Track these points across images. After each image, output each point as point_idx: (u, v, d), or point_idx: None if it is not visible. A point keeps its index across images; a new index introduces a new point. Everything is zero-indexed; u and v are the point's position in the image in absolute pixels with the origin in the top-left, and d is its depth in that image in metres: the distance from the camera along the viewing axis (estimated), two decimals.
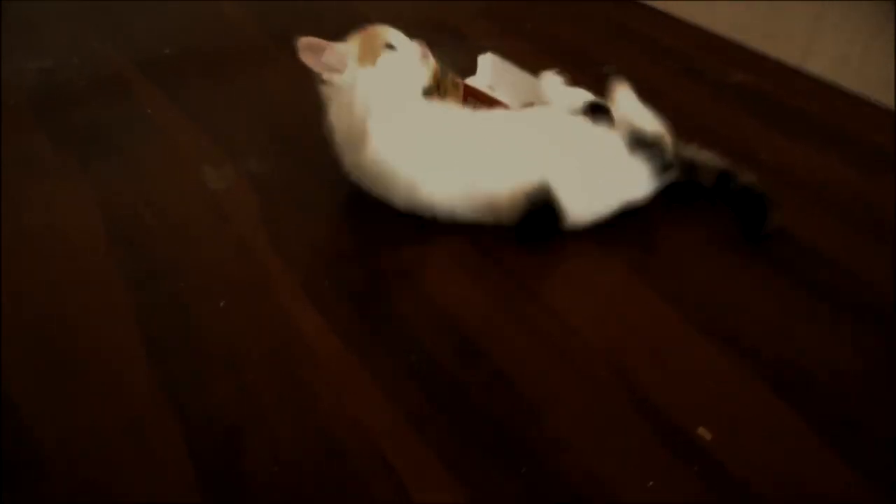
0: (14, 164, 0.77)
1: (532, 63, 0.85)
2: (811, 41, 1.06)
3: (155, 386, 0.54)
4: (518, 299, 0.64)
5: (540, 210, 0.68)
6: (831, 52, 1.05)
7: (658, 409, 0.55)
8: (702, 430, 0.54)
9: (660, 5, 1.27)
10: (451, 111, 0.74)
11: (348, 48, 0.70)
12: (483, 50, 0.88)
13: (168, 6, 1.18)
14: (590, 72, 0.84)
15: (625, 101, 0.78)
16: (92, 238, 0.68)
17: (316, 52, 0.69)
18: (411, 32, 0.75)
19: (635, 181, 0.72)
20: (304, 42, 0.69)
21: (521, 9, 1.25)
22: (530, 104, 0.80)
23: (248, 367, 0.55)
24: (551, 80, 0.79)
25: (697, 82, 1.03)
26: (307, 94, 0.73)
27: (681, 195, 0.76)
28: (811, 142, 0.90)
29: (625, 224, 0.73)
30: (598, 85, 0.81)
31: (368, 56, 0.70)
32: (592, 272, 0.68)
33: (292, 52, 0.68)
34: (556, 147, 0.70)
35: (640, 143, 0.72)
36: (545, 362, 0.58)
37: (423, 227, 0.71)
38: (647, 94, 0.81)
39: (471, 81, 0.85)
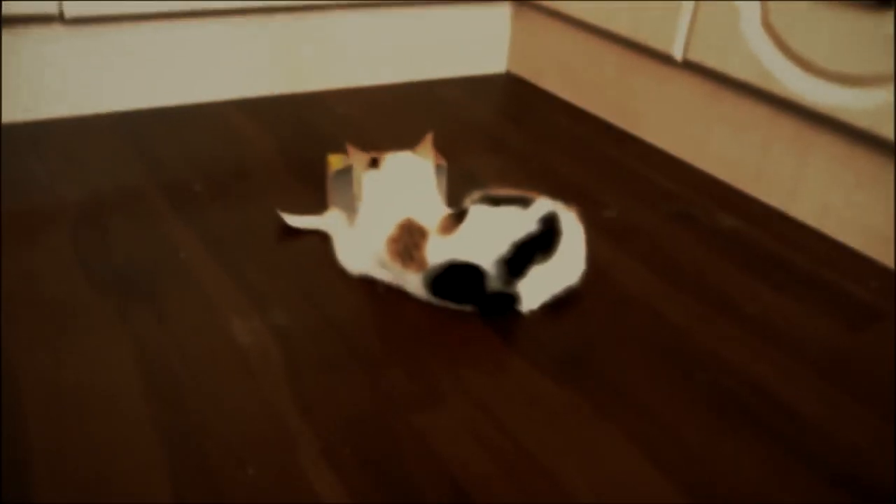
0: (53, 309, 0.82)
1: None
2: (796, 186, 1.13)
3: None
4: (519, 465, 0.67)
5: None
6: (815, 199, 1.11)
7: None
8: None
9: (655, 142, 1.34)
10: None
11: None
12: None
13: (192, 134, 1.24)
14: (591, 211, 0.91)
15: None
16: (127, 394, 0.72)
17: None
18: None
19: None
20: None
21: (528, 146, 1.32)
22: None
23: None
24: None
25: (689, 227, 1.08)
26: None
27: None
28: (794, 293, 0.95)
29: (619, 387, 0.77)
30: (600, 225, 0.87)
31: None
32: (589, 437, 0.72)
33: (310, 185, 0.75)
34: None
35: None
36: None
37: (437, 388, 0.76)
38: (643, 240, 0.87)
39: None
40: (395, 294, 0.88)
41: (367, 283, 0.90)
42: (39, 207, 1.00)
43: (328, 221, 0.98)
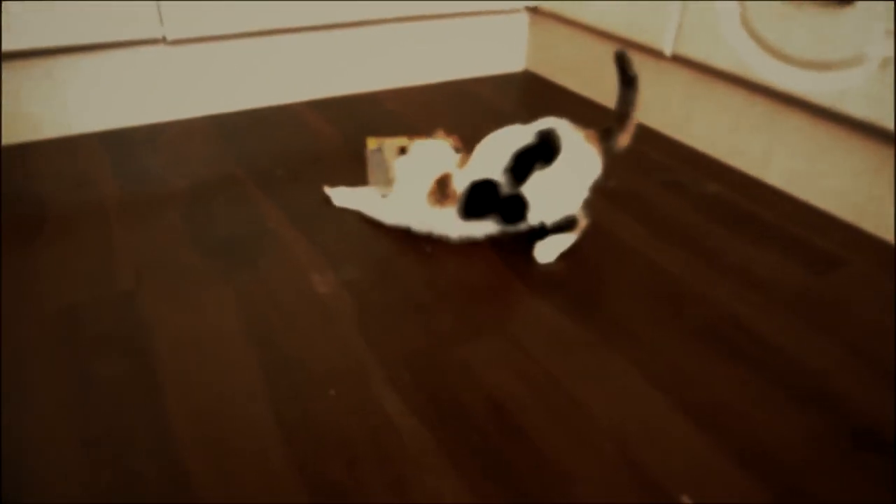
0: (173, 272, 0.85)
1: None
2: (768, 157, 1.11)
3: (286, 464, 0.60)
4: (543, 385, 0.69)
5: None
6: (784, 167, 1.09)
7: (651, 478, 0.59)
8: (685, 498, 0.58)
9: (649, 123, 1.32)
10: None
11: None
12: None
13: (273, 130, 1.26)
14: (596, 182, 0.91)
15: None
16: (234, 335, 0.75)
17: None
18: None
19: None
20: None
21: None
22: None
23: (353, 444, 0.62)
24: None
25: (679, 193, 1.07)
26: None
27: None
28: (767, 244, 0.94)
29: (623, 323, 0.78)
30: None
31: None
32: (598, 362, 0.73)
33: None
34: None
35: None
36: (567, 440, 0.63)
37: (476, 325, 0.77)
38: (640, 204, 0.86)
39: None
40: (439, 253, 0.90)
41: (418, 245, 0.91)
42: (156, 193, 1.03)
43: (361, 195, 1.00)
